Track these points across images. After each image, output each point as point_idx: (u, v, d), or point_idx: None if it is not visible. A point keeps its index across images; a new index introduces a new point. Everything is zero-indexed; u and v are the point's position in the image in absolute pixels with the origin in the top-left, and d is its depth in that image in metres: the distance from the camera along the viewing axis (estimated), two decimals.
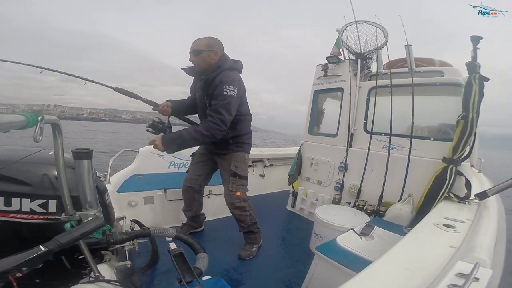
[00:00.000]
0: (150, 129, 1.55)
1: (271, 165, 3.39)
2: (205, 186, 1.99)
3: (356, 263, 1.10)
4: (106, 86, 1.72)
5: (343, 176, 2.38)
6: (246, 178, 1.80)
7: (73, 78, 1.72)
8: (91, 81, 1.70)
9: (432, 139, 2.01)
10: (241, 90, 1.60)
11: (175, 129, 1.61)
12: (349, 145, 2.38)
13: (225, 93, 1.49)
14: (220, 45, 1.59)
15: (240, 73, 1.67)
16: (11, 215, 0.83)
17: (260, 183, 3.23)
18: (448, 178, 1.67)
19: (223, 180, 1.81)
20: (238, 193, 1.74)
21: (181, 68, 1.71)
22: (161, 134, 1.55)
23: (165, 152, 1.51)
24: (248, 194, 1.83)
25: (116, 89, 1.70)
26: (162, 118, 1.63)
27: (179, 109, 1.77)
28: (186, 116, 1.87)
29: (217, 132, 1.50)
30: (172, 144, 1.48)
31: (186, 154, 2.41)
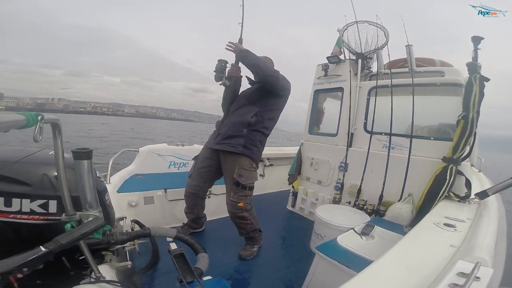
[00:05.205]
0: (217, 63, 1.79)
1: (271, 165, 3.39)
2: None
3: (357, 263, 1.10)
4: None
5: (343, 176, 2.38)
6: (251, 188, 1.71)
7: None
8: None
9: (432, 138, 2.01)
10: (289, 89, 1.79)
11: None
12: (349, 144, 2.38)
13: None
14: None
15: None
16: (12, 215, 0.82)
17: (260, 183, 3.22)
18: (448, 177, 1.67)
19: (226, 186, 1.75)
20: (240, 204, 1.66)
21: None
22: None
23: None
24: None
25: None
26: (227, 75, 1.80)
27: (239, 85, 1.86)
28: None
29: (272, 73, 1.64)
30: (247, 51, 1.66)
31: (185, 154, 2.41)
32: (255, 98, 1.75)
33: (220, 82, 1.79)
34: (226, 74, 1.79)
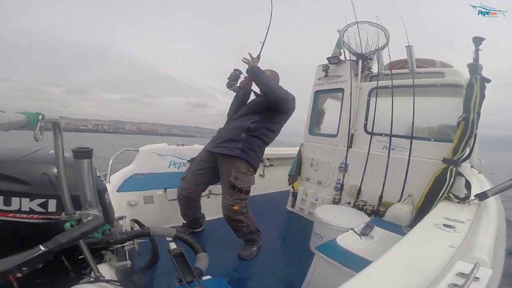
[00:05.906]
0: (232, 72, 1.90)
1: (271, 165, 3.39)
2: None
3: (356, 263, 1.10)
4: None
5: (343, 176, 2.38)
6: (247, 192, 1.70)
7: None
8: None
9: (432, 140, 2.01)
10: (294, 108, 1.84)
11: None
12: (349, 145, 2.38)
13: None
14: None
15: None
16: (11, 214, 0.82)
17: (260, 183, 3.23)
18: (448, 178, 1.67)
19: (222, 189, 1.75)
20: (236, 207, 1.65)
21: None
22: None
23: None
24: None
25: None
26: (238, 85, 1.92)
27: (247, 96, 1.94)
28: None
29: (279, 91, 1.67)
30: (258, 68, 1.73)
31: (185, 154, 2.41)
32: (258, 109, 1.79)
33: (231, 88, 1.91)
34: (238, 83, 1.90)
